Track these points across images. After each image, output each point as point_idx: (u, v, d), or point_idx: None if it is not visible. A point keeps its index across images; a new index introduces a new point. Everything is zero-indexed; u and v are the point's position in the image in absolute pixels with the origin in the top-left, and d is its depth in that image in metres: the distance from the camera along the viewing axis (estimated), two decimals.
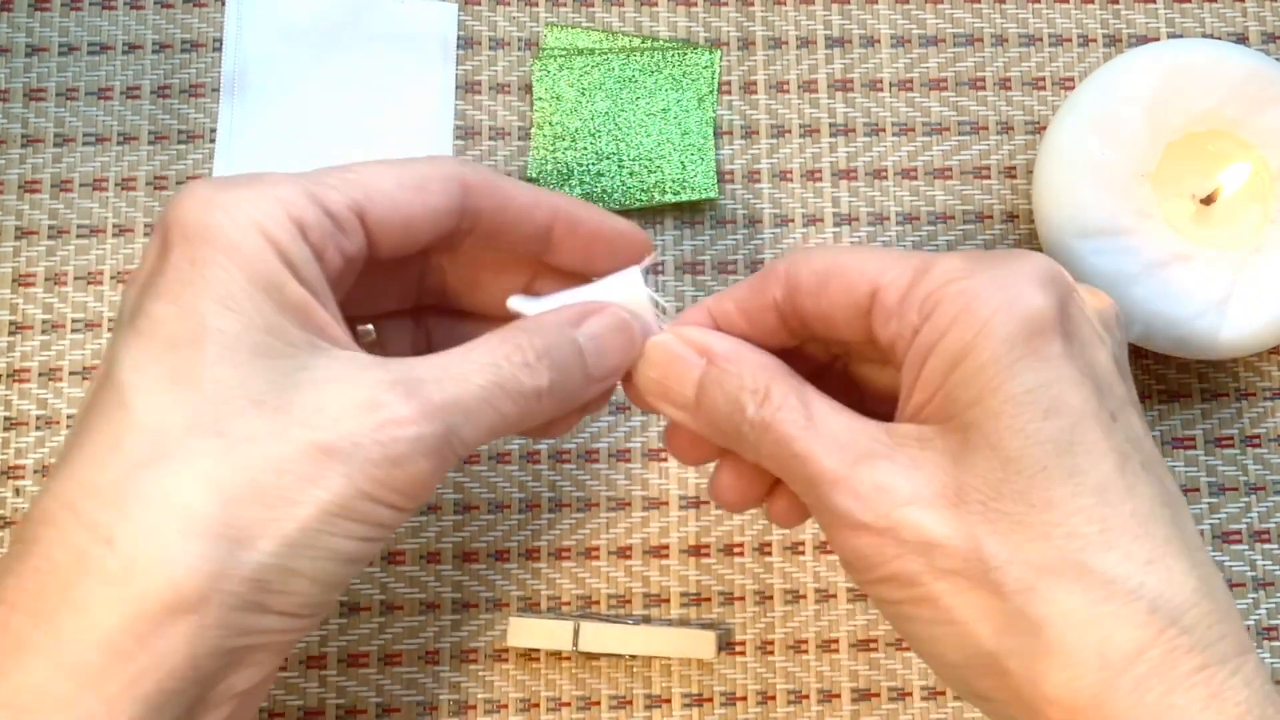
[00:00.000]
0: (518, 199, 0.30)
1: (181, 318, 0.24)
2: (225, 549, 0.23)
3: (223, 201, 0.25)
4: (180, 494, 0.23)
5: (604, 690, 0.38)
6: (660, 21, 0.43)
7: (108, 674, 0.23)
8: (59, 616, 0.23)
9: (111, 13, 0.42)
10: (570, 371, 0.28)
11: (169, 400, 0.24)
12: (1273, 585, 0.39)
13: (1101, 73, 0.38)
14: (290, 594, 0.24)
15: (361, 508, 0.24)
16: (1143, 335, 0.37)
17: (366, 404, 0.24)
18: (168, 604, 0.23)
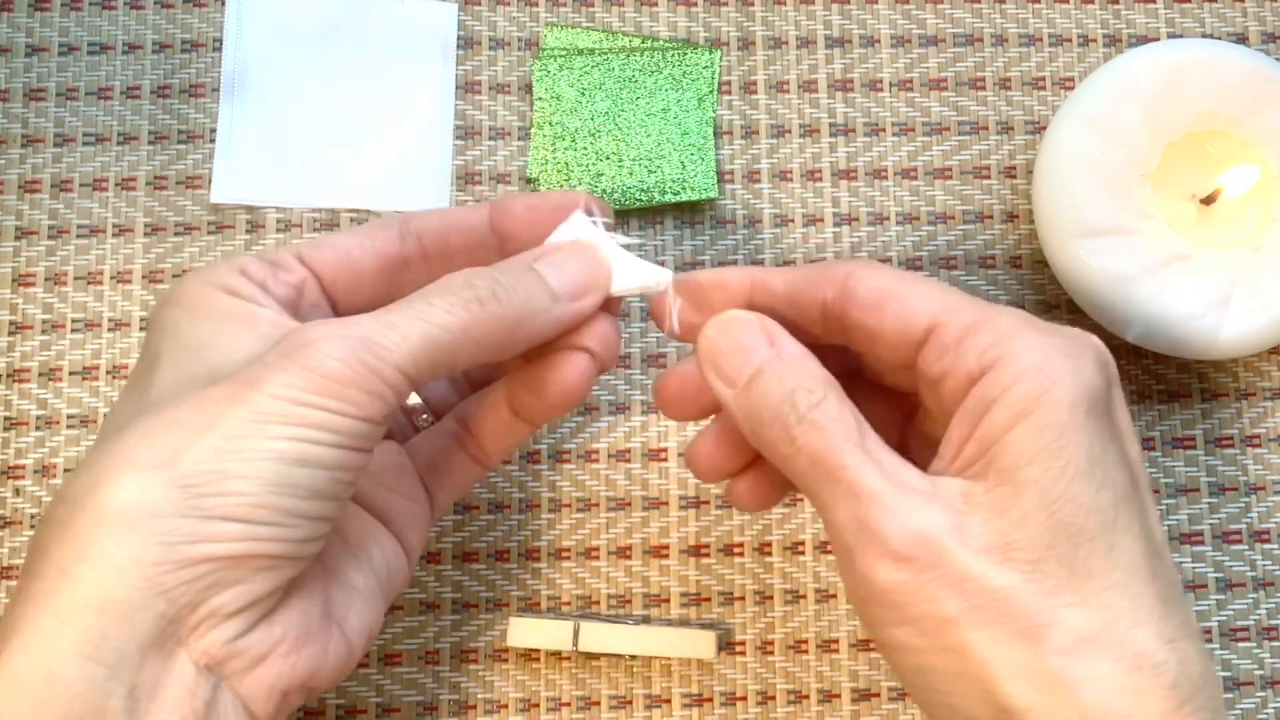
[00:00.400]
0: (454, 210, 0.33)
1: (144, 360, 0.29)
2: (152, 469, 0.25)
3: (178, 282, 0.30)
4: (116, 446, 0.26)
5: (604, 690, 0.38)
6: (660, 21, 0.43)
7: (56, 592, 0.25)
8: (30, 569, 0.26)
9: (111, 13, 0.42)
10: (524, 286, 0.29)
11: (127, 405, 0.28)
12: (1273, 585, 0.39)
13: (1101, 73, 0.38)
14: (229, 495, 0.25)
15: (283, 410, 0.26)
16: (1143, 335, 0.37)
17: (282, 337, 0.27)
18: (99, 519, 0.25)
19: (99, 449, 0.27)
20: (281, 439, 0.26)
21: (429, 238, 0.32)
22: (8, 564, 0.38)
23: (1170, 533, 0.39)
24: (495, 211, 0.32)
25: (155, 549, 0.25)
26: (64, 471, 0.39)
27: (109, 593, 0.25)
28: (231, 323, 0.28)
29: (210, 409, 0.26)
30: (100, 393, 0.39)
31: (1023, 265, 0.41)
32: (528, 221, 0.32)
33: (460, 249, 0.32)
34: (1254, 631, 0.39)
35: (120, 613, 0.25)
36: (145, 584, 0.25)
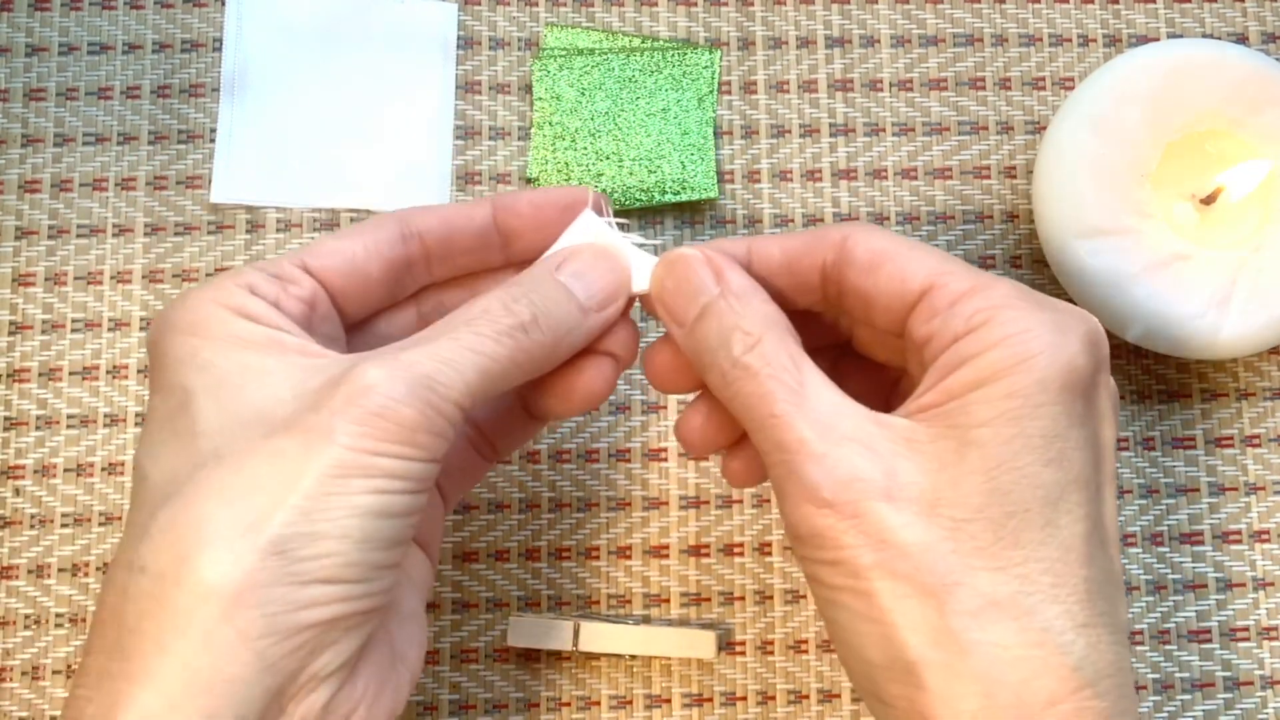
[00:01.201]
0: (454, 206, 0.32)
1: (169, 396, 0.27)
2: (240, 536, 0.24)
3: (177, 304, 0.28)
4: (191, 511, 0.25)
5: (604, 690, 0.38)
6: (660, 21, 0.43)
7: (163, 673, 0.24)
8: (120, 643, 0.25)
9: (111, 13, 0.42)
10: (557, 304, 0.29)
11: (173, 456, 0.26)
12: (1273, 585, 0.39)
13: (1101, 73, 0.38)
14: (323, 557, 0.25)
15: (361, 462, 0.25)
16: (1143, 335, 0.37)
17: (341, 378, 0.26)
18: (199, 596, 0.24)
19: (168, 509, 0.25)
20: (365, 493, 0.25)
21: (432, 238, 0.32)
22: (8, 564, 0.38)
23: (1170, 533, 0.39)
24: (499, 210, 0.32)
25: (259, 622, 0.24)
26: (64, 471, 0.39)
27: (218, 672, 0.24)
28: (258, 353, 0.27)
29: (285, 465, 0.25)
30: (100, 393, 0.39)
31: (1023, 265, 0.41)
32: (534, 220, 0.32)
33: (464, 249, 0.32)
34: (1254, 631, 0.39)
35: (229, 691, 0.24)
36: (253, 659, 0.24)
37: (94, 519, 0.39)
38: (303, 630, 0.25)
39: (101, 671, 0.25)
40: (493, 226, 0.32)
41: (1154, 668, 0.39)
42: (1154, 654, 0.39)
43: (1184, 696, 0.38)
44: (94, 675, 0.25)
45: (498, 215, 0.32)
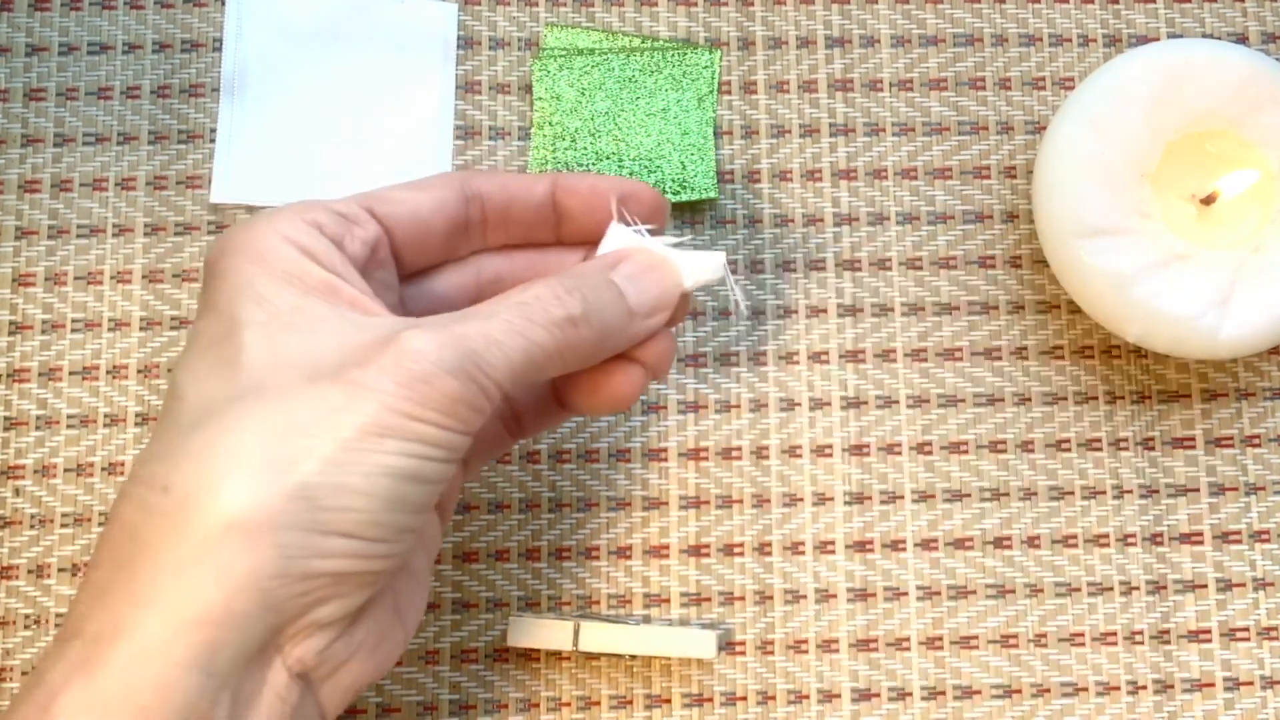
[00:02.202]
0: (516, 176, 0.33)
1: (218, 321, 0.27)
2: (270, 474, 0.25)
3: (243, 227, 0.28)
4: (225, 439, 0.25)
5: (604, 690, 0.38)
6: (660, 21, 0.42)
7: (169, 597, 0.24)
8: (131, 560, 0.25)
9: (111, 13, 0.42)
10: (608, 304, 0.30)
11: (213, 381, 0.27)
12: (1273, 585, 0.39)
13: (1101, 73, 0.38)
14: (347, 510, 0.25)
15: (399, 424, 0.26)
16: (1142, 335, 0.37)
17: (390, 340, 0.26)
18: (221, 526, 0.24)
19: (201, 432, 0.25)
20: (398, 454, 0.26)
21: (491, 205, 0.32)
22: (8, 564, 0.38)
23: (1170, 532, 0.39)
24: (559, 189, 0.32)
25: (274, 562, 0.25)
26: (64, 471, 0.39)
27: (227, 605, 0.24)
28: (314, 298, 0.27)
29: (325, 413, 0.25)
30: (100, 393, 0.39)
31: (1023, 265, 0.41)
32: (590, 204, 0.32)
33: (519, 220, 0.33)
34: (1254, 631, 0.39)
35: (235, 624, 0.24)
36: (261, 597, 0.25)
37: (94, 519, 0.39)
38: (313, 578, 0.25)
39: (105, 586, 0.25)
40: (550, 203, 0.33)
41: (1154, 668, 0.39)
42: (1154, 654, 0.39)
43: (1184, 696, 0.38)
44: (96, 589, 0.25)
45: (557, 193, 0.33)
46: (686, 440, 0.40)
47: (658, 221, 0.33)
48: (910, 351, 0.40)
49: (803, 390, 0.40)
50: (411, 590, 0.30)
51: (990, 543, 0.39)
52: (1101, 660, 0.39)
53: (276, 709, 0.26)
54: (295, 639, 0.26)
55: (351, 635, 0.27)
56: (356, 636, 0.27)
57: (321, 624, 0.26)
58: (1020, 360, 0.40)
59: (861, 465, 0.40)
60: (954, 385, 0.40)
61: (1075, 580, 0.39)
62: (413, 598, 0.30)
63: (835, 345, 0.40)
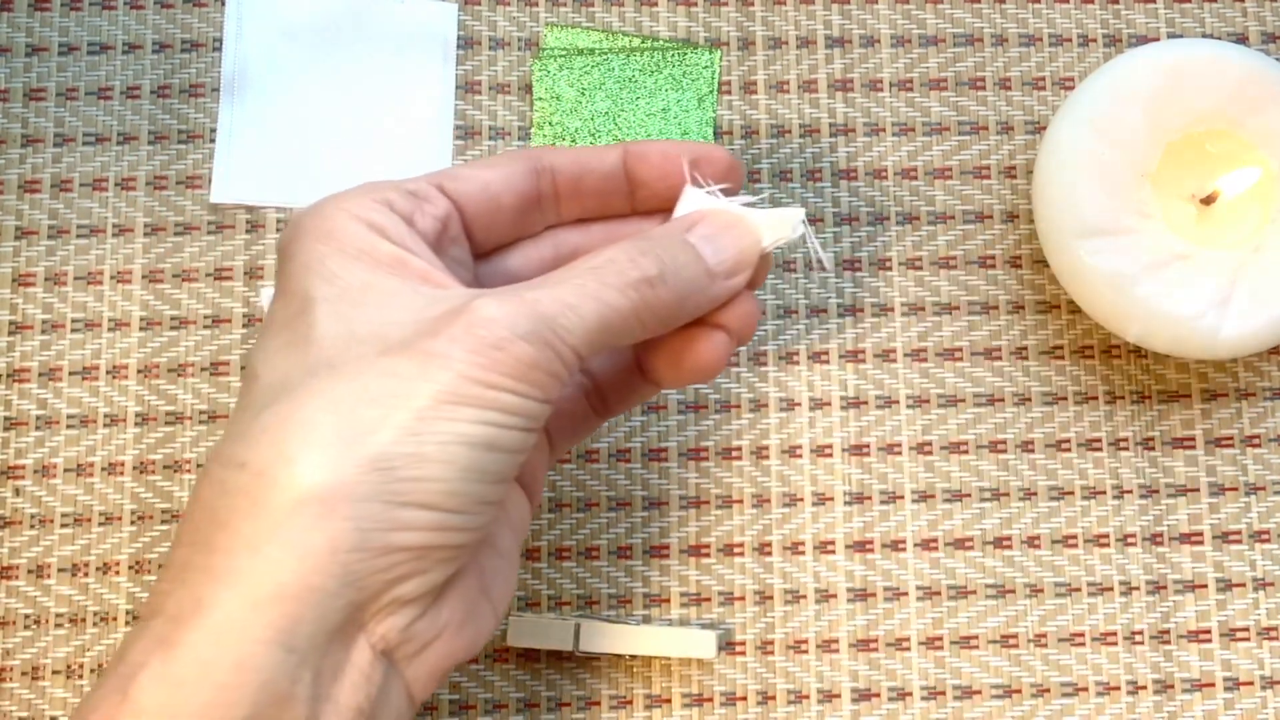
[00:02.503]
0: (588, 149, 0.32)
1: (290, 301, 0.27)
2: (344, 446, 0.24)
3: (312, 209, 0.28)
4: (299, 414, 0.25)
5: (604, 690, 0.38)
6: (660, 21, 0.43)
7: (246, 573, 0.24)
8: (209, 538, 0.25)
9: (111, 13, 0.42)
10: (686, 265, 0.29)
11: (286, 360, 0.26)
12: (1273, 585, 0.39)
13: (1101, 73, 0.38)
14: (424, 480, 0.25)
15: (474, 392, 0.25)
16: (1142, 335, 0.37)
17: (461, 309, 0.26)
18: (296, 500, 0.24)
19: (275, 409, 0.25)
20: (474, 422, 0.25)
21: (563, 177, 0.32)
22: (8, 564, 0.38)
23: (1170, 532, 0.39)
24: (630, 156, 0.32)
25: (352, 535, 0.24)
26: (64, 471, 0.39)
27: (305, 580, 0.24)
28: (384, 273, 0.27)
29: (398, 383, 0.25)
30: (100, 393, 0.39)
31: (1023, 265, 0.41)
32: (662, 170, 0.32)
33: (592, 191, 0.32)
34: (1254, 631, 0.39)
35: (315, 600, 0.24)
36: (341, 571, 0.24)
37: (94, 519, 0.39)
38: (393, 551, 0.25)
39: (185, 564, 0.25)
40: (622, 172, 0.32)
41: (1154, 668, 0.39)
42: (1154, 654, 0.39)
43: (1184, 696, 0.38)
44: (177, 568, 0.25)
45: (628, 161, 0.32)
46: (686, 440, 0.40)
47: (733, 182, 0.32)
48: (910, 351, 0.40)
49: (803, 390, 0.40)
50: (498, 568, 0.29)
51: (990, 543, 0.39)
52: (1101, 660, 0.39)
53: (361, 688, 0.25)
54: (378, 616, 0.25)
55: (437, 612, 0.27)
56: (442, 614, 0.27)
57: (405, 600, 0.25)
58: (1020, 360, 0.41)
59: (861, 465, 0.40)
60: (954, 385, 0.40)
61: (1075, 580, 0.39)
62: (501, 576, 0.29)
63: (835, 345, 0.40)
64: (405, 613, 0.26)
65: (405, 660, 0.27)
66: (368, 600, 0.25)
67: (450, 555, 0.26)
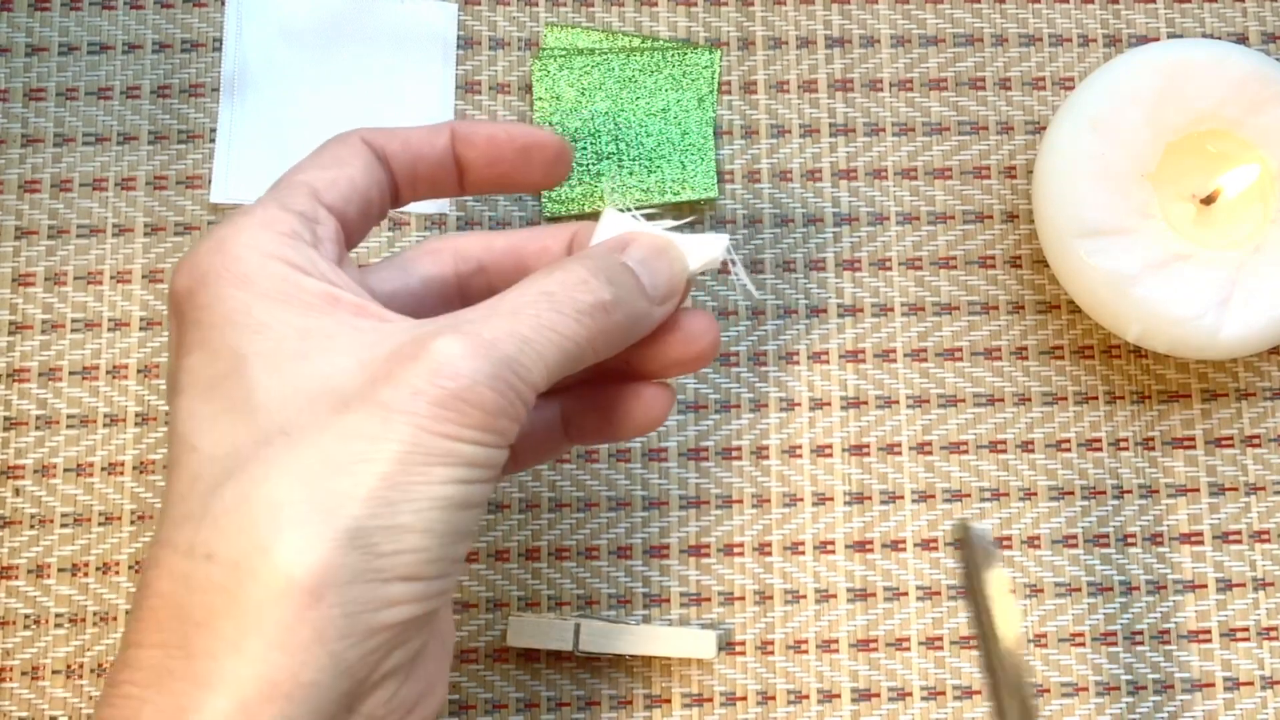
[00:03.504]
0: (415, 131, 0.30)
1: (215, 359, 0.25)
2: (319, 524, 0.23)
3: (213, 250, 0.26)
4: (262, 493, 0.23)
5: (604, 690, 0.38)
6: (660, 21, 0.42)
7: (232, 675, 0.22)
8: (186, 640, 0.23)
9: (111, 13, 0.42)
10: (630, 288, 0.28)
11: (228, 427, 0.24)
12: (1273, 585, 0.39)
13: (1101, 73, 0.38)
14: (406, 552, 0.23)
15: (441, 446, 0.24)
16: (1142, 335, 0.37)
17: (417, 353, 0.24)
18: (277, 591, 0.22)
19: (233, 487, 0.23)
20: (447, 482, 0.24)
21: (397, 163, 0.30)
22: (8, 564, 0.38)
23: (1170, 533, 0.39)
24: (458, 141, 0.30)
25: (340, 622, 0.23)
26: (64, 471, 0.39)
27: (296, 677, 0.22)
28: (317, 315, 0.25)
29: (362, 445, 0.23)
30: (100, 393, 0.39)
31: (1023, 265, 0.41)
32: (488, 155, 0.31)
33: (425, 177, 0.30)
34: (1254, 631, 0.39)
35: (306, 696, 0.23)
36: (330, 662, 0.23)
37: (94, 519, 0.39)
38: (381, 631, 0.23)
39: (160, 669, 0.23)
40: (451, 156, 0.31)
41: (1154, 668, 0.39)
42: (1154, 654, 0.39)
43: (1184, 696, 0.38)
44: (149, 671, 0.23)
45: (456, 145, 0.31)
46: (686, 440, 0.40)
47: (563, 170, 0.32)
48: (910, 351, 0.40)
49: (803, 390, 0.40)
50: (446, 614, 0.28)
51: None
52: (1101, 660, 0.39)
53: None
54: (364, 697, 0.24)
55: (416, 677, 0.25)
56: (419, 677, 0.26)
57: (389, 674, 0.24)
58: (1020, 360, 0.40)
59: (861, 465, 0.40)
60: (954, 385, 0.40)
61: (1075, 580, 0.39)
62: (448, 623, 0.28)
63: (835, 345, 0.40)
64: (389, 685, 0.24)
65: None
66: (357, 685, 0.24)
67: (429, 619, 0.25)
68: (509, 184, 0.32)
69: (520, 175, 0.31)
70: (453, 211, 0.41)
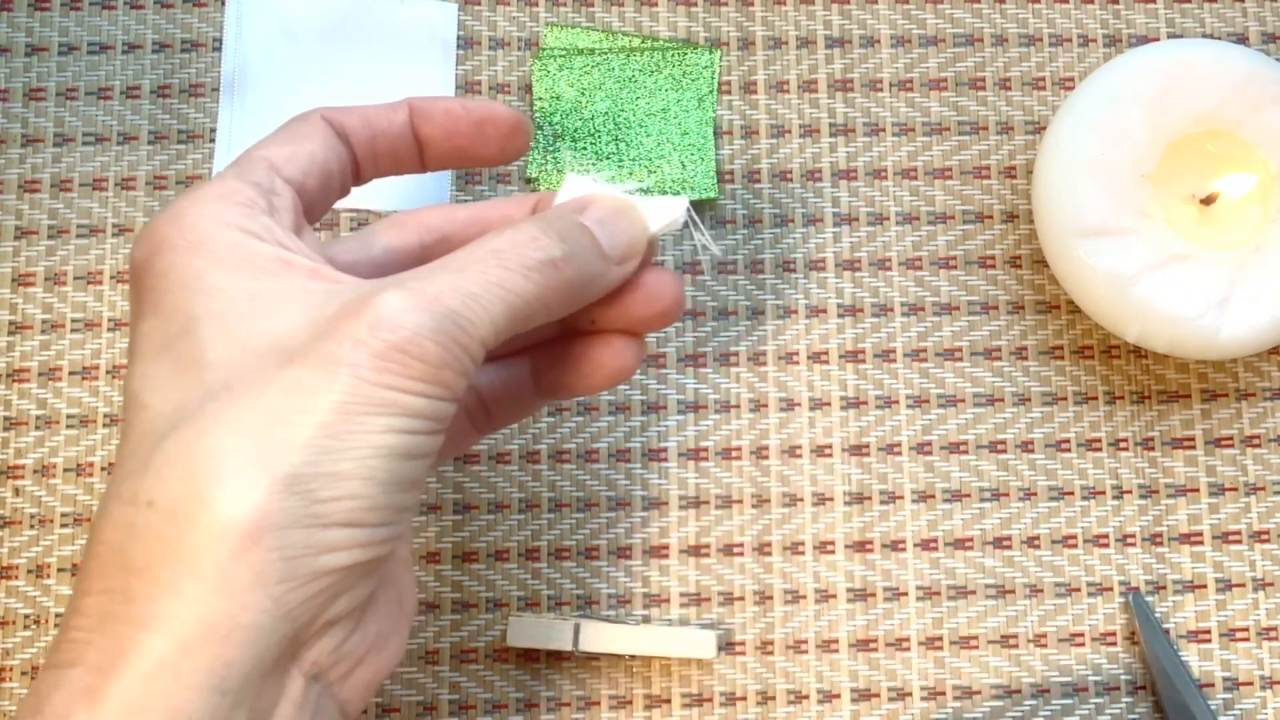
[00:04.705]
0: (374, 108, 0.31)
1: (169, 322, 0.25)
2: (257, 472, 0.23)
3: (170, 220, 0.26)
4: (204, 444, 0.24)
5: (604, 690, 0.38)
6: (660, 21, 0.42)
7: (172, 617, 0.23)
8: (126, 585, 0.23)
9: (111, 13, 0.42)
10: (584, 247, 0.28)
11: (178, 385, 0.25)
12: (1273, 585, 0.39)
13: (1101, 73, 0.38)
14: (345, 499, 0.24)
15: (382, 396, 0.24)
16: (1142, 335, 0.37)
17: (360, 308, 0.25)
18: (215, 535, 0.23)
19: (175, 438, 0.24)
20: (388, 431, 0.24)
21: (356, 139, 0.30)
22: (7, 564, 0.38)
23: (1169, 533, 0.39)
24: (416, 116, 0.31)
25: (279, 565, 0.23)
26: (63, 471, 0.39)
27: (235, 619, 0.23)
28: (269, 278, 0.26)
29: (304, 397, 0.24)
30: (100, 392, 0.39)
31: (1023, 265, 0.41)
32: (446, 129, 0.31)
33: (385, 153, 0.31)
34: (1254, 631, 0.39)
35: (246, 638, 0.23)
36: (271, 605, 0.23)
37: None
38: (321, 576, 0.24)
39: (103, 613, 0.23)
40: (410, 132, 0.31)
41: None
42: None
43: None
44: (94, 617, 0.24)
45: (414, 120, 0.31)
46: (686, 440, 0.40)
47: (520, 143, 0.32)
48: (910, 351, 0.40)
49: (803, 390, 0.40)
50: (403, 575, 0.29)
51: (990, 543, 0.39)
52: (1101, 660, 0.39)
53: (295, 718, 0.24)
54: (309, 643, 0.25)
55: (365, 628, 0.26)
56: (370, 628, 0.26)
57: (334, 620, 0.25)
58: (1020, 360, 0.40)
59: (861, 465, 0.40)
60: (954, 385, 0.40)
61: (1075, 580, 0.39)
62: (407, 583, 0.29)
63: (835, 345, 0.40)
64: (335, 633, 0.25)
65: (338, 681, 0.26)
66: (300, 630, 0.24)
67: (374, 568, 0.25)
68: (467, 158, 0.32)
69: (477, 149, 0.32)
70: None
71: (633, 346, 0.31)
